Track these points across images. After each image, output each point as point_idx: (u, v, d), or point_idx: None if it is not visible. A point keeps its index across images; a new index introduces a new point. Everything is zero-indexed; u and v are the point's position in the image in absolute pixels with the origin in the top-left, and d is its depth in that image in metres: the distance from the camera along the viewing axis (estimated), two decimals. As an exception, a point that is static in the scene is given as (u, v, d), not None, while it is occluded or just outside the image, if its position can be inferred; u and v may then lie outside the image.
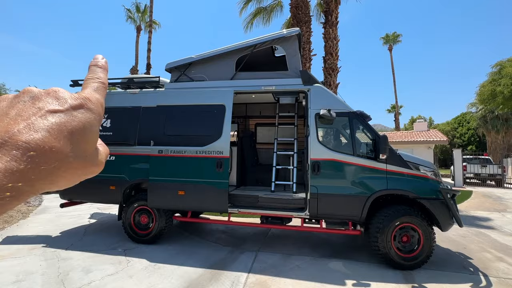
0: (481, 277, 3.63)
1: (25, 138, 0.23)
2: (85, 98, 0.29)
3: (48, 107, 0.26)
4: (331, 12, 10.40)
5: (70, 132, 0.26)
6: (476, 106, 23.06)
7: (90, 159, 0.29)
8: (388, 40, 34.76)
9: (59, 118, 0.26)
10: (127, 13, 24.07)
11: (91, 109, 0.29)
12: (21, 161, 0.22)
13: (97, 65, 0.34)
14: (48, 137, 0.24)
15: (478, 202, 9.78)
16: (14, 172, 0.22)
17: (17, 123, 0.24)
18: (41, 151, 0.23)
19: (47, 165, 0.24)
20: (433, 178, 4.02)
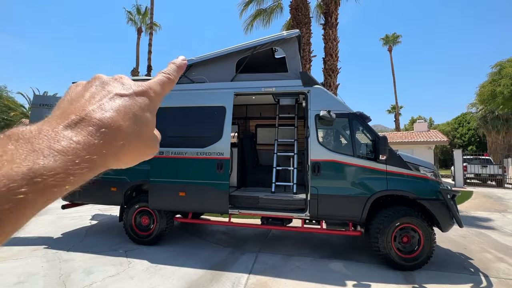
0: (482, 277, 3.63)
1: (98, 116, 0.26)
2: (147, 86, 0.32)
3: (115, 91, 0.29)
4: (331, 13, 10.44)
5: (134, 114, 0.29)
6: (476, 107, 23.08)
7: (149, 141, 0.31)
8: (388, 41, 34.83)
9: (125, 101, 0.29)
10: (128, 15, 24.17)
11: (150, 97, 0.31)
12: (95, 136, 0.25)
13: (174, 63, 0.37)
14: (116, 117, 0.27)
15: (478, 202, 9.78)
16: (91, 145, 0.24)
17: (91, 103, 0.27)
18: (111, 129, 0.26)
19: (116, 141, 0.26)
20: (433, 179, 4.03)
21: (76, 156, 0.23)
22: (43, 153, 0.22)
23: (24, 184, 0.20)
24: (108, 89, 0.29)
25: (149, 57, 20.14)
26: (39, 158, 0.22)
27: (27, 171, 0.21)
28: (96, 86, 0.30)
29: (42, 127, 0.24)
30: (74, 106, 0.27)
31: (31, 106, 6.03)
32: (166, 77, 0.34)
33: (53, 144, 0.23)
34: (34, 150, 0.22)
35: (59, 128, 0.24)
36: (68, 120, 0.25)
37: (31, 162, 0.21)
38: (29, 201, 0.21)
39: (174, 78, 0.35)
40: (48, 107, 5.57)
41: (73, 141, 0.24)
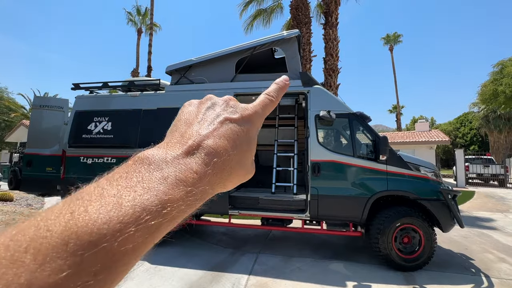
0: (483, 278, 3.61)
1: (212, 144, 0.26)
2: (253, 111, 0.31)
3: (225, 115, 0.29)
4: (331, 13, 10.42)
5: (241, 142, 0.29)
6: (478, 106, 22.99)
7: (250, 167, 0.31)
8: (389, 40, 34.77)
9: (234, 126, 0.29)
10: (128, 16, 24.24)
11: (254, 122, 0.31)
12: (210, 165, 0.25)
13: (277, 83, 0.37)
14: (227, 145, 0.27)
15: (480, 202, 9.73)
16: (206, 175, 0.25)
17: (204, 127, 0.28)
18: (222, 158, 0.26)
19: (225, 171, 0.27)
20: (433, 179, 4.01)
21: (194, 187, 0.24)
22: (170, 181, 0.23)
23: (156, 216, 0.21)
24: (218, 111, 0.30)
25: (149, 57, 20.19)
26: (167, 188, 0.23)
27: (159, 203, 0.21)
28: (207, 108, 0.30)
29: (167, 152, 0.25)
30: (190, 130, 0.28)
31: (32, 107, 6.05)
32: (269, 99, 0.34)
33: (178, 173, 0.24)
34: (164, 178, 0.23)
35: (180, 154, 0.25)
36: (187, 146, 0.26)
37: (161, 193, 0.22)
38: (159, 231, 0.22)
39: (275, 100, 0.35)
40: (49, 108, 5.59)
41: (193, 171, 0.24)
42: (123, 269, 0.20)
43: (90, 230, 0.19)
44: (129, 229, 0.20)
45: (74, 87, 5.27)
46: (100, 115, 4.90)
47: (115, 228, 0.19)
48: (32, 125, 5.57)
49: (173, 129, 0.29)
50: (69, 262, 0.17)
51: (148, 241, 0.21)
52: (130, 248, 0.20)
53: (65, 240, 0.18)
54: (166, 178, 0.23)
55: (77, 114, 5.04)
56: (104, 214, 0.20)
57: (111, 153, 4.76)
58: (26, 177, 5.41)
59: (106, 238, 0.19)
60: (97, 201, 0.20)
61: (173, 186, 0.23)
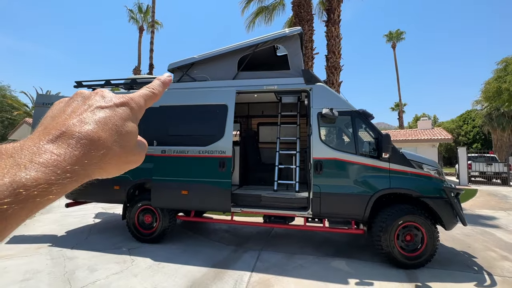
0: (486, 276, 3.60)
1: (78, 129, 0.27)
2: (129, 98, 0.33)
3: (96, 104, 0.31)
4: (334, 10, 10.35)
5: (114, 124, 0.30)
6: (481, 104, 22.80)
7: (132, 150, 0.32)
8: (392, 37, 34.49)
9: (105, 113, 0.30)
10: (129, 13, 24.17)
11: (132, 107, 0.33)
12: (76, 147, 0.26)
13: (159, 79, 0.39)
14: (96, 128, 0.28)
15: (483, 200, 9.69)
16: (71, 156, 0.26)
17: (71, 118, 0.29)
18: (91, 140, 0.27)
19: (96, 151, 0.28)
20: (436, 177, 4.00)
21: (57, 168, 0.24)
22: (25, 166, 0.23)
23: (7, 195, 0.21)
24: (89, 103, 0.31)
25: (151, 55, 20.17)
26: (21, 171, 0.23)
27: (9, 183, 0.22)
28: (77, 102, 0.31)
29: (25, 143, 0.26)
30: (56, 122, 0.29)
31: (34, 105, 6.06)
32: (150, 91, 0.36)
33: (35, 157, 0.24)
34: (17, 164, 0.23)
35: (41, 143, 0.26)
36: (50, 135, 0.26)
37: (13, 175, 0.22)
38: (13, 211, 0.22)
39: (157, 93, 0.37)
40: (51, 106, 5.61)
41: (54, 153, 0.25)
42: None
43: None
44: None
45: (76, 85, 5.28)
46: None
47: None
48: (35, 123, 5.60)
49: (38, 126, 0.30)
50: None
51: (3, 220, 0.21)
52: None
53: None
54: (19, 163, 0.23)
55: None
56: None
57: None
58: (30, 175, 5.44)
59: None
60: None
61: (28, 168, 0.23)
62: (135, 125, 0.33)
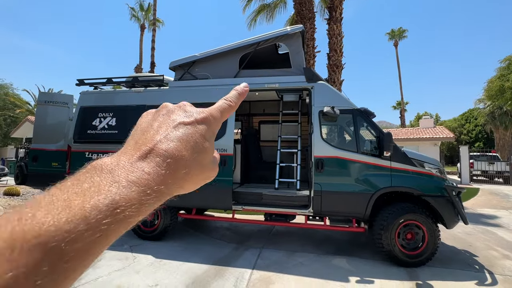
0: (487, 274, 3.60)
1: (164, 147, 0.28)
2: (208, 113, 0.33)
3: (179, 120, 0.31)
4: (335, 8, 10.30)
5: (195, 142, 0.30)
6: (484, 102, 22.70)
7: (207, 166, 0.32)
8: (394, 35, 34.31)
9: (187, 129, 0.30)
10: (131, 11, 24.18)
11: (210, 123, 0.33)
12: (162, 167, 0.27)
13: (236, 89, 0.38)
14: (180, 146, 0.29)
15: (485, 199, 9.66)
16: (159, 176, 0.26)
17: (158, 133, 0.29)
18: (175, 159, 0.28)
19: (179, 171, 0.28)
20: (438, 175, 3.99)
21: (147, 187, 0.25)
22: (122, 184, 0.24)
23: (108, 215, 0.22)
24: (173, 117, 0.31)
25: (152, 53, 20.18)
26: (119, 189, 0.24)
27: (110, 203, 0.23)
28: (163, 116, 0.32)
29: (120, 158, 0.27)
30: (145, 137, 0.29)
31: (37, 103, 6.10)
32: (227, 103, 0.36)
33: (129, 175, 0.25)
34: (115, 181, 0.24)
35: (133, 159, 0.27)
36: (140, 152, 0.27)
37: (113, 194, 0.23)
38: (111, 231, 0.22)
39: (234, 105, 0.36)
40: (53, 104, 5.63)
41: (144, 172, 0.26)
42: (76, 267, 0.21)
43: (37, 233, 0.19)
44: (79, 229, 0.20)
45: (78, 83, 5.29)
46: (105, 110, 4.93)
47: (63, 228, 0.20)
48: (37, 120, 5.63)
49: (129, 139, 0.30)
50: (16, 264, 0.18)
51: (100, 239, 0.22)
52: (80, 247, 0.20)
53: (11, 244, 0.18)
54: (117, 181, 0.24)
55: (82, 110, 5.08)
56: (52, 217, 0.20)
57: (115, 148, 4.68)
58: (32, 172, 5.47)
59: (54, 239, 0.19)
60: (46, 207, 0.21)
61: (124, 187, 0.24)
62: (212, 142, 0.33)
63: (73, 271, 0.21)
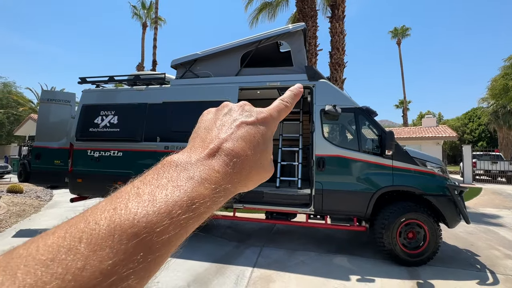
0: (488, 274, 3.59)
1: (230, 146, 0.28)
2: (268, 114, 0.34)
3: (241, 119, 0.32)
4: (338, 5, 10.24)
5: (257, 142, 0.31)
6: (487, 101, 22.53)
7: (268, 167, 0.33)
8: (397, 33, 34.09)
9: (250, 129, 0.31)
10: (133, 9, 24.19)
11: (270, 123, 0.33)
12: (230, 166, 0.27)
13: (291, 90, 0.38)
14: (245, 146, 0.29)
15: (487, 199, 9.61)
16: (227, 174, 0.27)
17: (222, 132, 0.30)
18: (241, 158, 0.28)
19: (244, 170, 0.29)
20: (440, 175, 3.97)
21: (217, 185, 0.26)
22: (197, 181, 0.25)
23: (186, 210, 0.23)
24: (234, 116, 0.32)
25: (154, 52, 20.21)
26: (194, 186, 0.25)
27: (188, 199, 0.24)
28: (224, 115, 0.33)
29: (191, 155, 0.28)
30: (210, 135, 0.30)
31: (40, 101, 6.12)
32: (284, 104, 0.36)
33: (202, 173, 0.26)
34: (191, 178, 0.25)
35: (202, 157, 0.27)
36: (208, 150, 0.28)
37: (189, 190, 0.24)
38: (189, 225, 0.23)
39: (290, 105, 0.37)
40: (56, 102, 5.66)
41: (215, 170, 0.27)
42: (160, 259, 0.22)
43: (131, 223, 0.21)
44: (164, 222, 0.22)
45: (80, 81, 5.31)
46: (107, 109, 4.95)
47: (152, 221, 0.21)
48: (40, 118, 5.65)
49: (194, 136, 0.31)
50: (116, 250, 0.19)
51: (180, 233, 0.23)
52: (165, 240, 0.22)
53: (111, 231, 0.20)
54: (192, 177, 0.25)
55: (84, 108, 5.10)
56: (142, 209, 0.22)
57: (117, 146, 4.82)
58: (35, 170, 5.51)
59: (145, 230, 0.21)
60: (135, 198, 0.23)
61: (199, 184, 0.25)
62: (271, 141, 0.33)
63: (157, 263, 0.22)
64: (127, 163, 4.75)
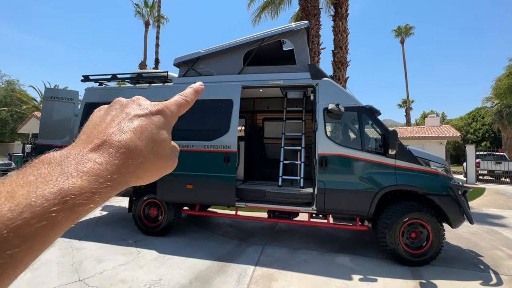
0: (492, 274, 3.57)
1: (117, 138, 0.28)
2: (164, 105, 0.34)
3: (133, 112, 0.32)
4: (341, 4, 10.18)
5: (150, 133, 0.31)
6: (491, 101, 22.32)
7: (166, 157, 0.33)
8: (400, 32, 33.83)
9: (141, 121, 0.31)
10: (136, 8, 24.17)
11: (166, 115, 0.34)
12: (115, 157, 0.27)
13: (192, 87, 0.39)
14: (134, 137, 0.29)
15: (491, 199, 9.54)
16: (112, 165, 0.27)
17: (111, 126, 0.30)
18: (129, 149, 0.28)
19: (134, 160, 0.28)
20: (443, 174, 3.95)
21: (99, 177, 0.26)
22: (72, 174, 0.25)
23: (56, 203, 0.23)
24: (126, 111, 0.32)
25: (157, 50, 20.22)
26: (68, 179, 0.24)
27: (58, 192, 0.23)
28: (116, 110, 0.33)
29: (70, 151, 0.27)
30: (97, 130, 0.30)
31: (43, 99, 6.15)
32: (183, 99, 0.37)
33: (79, 166, 0.26)
34: (64, 172, 0.25)
35: (84, 152, 0.27)
36: (92, 144, 0.28)
37: (61, 183, 0.24)
38: (60, 219, 0.23)
39: (190, 100, 0.37)
40: (59, 100, 5.68)
41: (96, 162, 0.26)
42: (22, 255, 0.21)
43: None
44: (23, 216, 0.21)
45: (84, 79, 5.33)
46: (109, 107, 4.96)
47: (6, 216, 0.20)
48: (43, 116, 5.68)
49: (80, 134, 0.31)
50: None
51: (48, 227, 0.22)
52: (26, 234, 0.21)
53: None
54: (66, 172, 0.25)
55: (87, 106, 5.12)
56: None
57: None
58: (39, 167, 5.54)
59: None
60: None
61: (74, 176, 0.24)
62: (169, 132, 0.34)
63: (20, 258, 0.21)
64: None
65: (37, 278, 3.20)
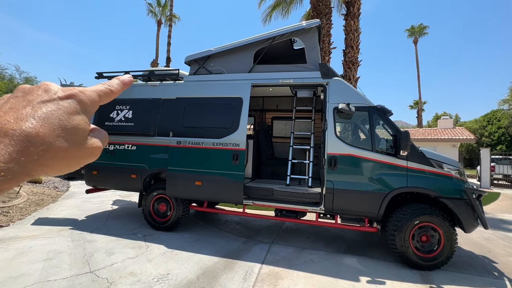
0: (506, 282, 3.45)
1: (12, 126, 0.27)
2: (78, 90, 0.32)
3: (37, 99, 0.30)
4: (353, 3, 10.03)
5: (57, 119, 0.29)
6: (508, 103, 21.56)
7: (81, 144, 0.31)
8: (414, 32, 33.06)
9: (47, 107, 0.29)
10: (148, 7, 24.53)
11: (80, 100, 0.32)
12: (10, 145, 0.26)
13: (119, 78, 0.38)
14: (34, 124, 0.27)
15: (506, 204, 9.23)
16: (4, 154, 0.25)
17: (8, 115, 0.28)
18: (26, 136, 0.26)
19: (35, 148, 0.27)
20: (457, 177, 3.84)
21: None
22: None
23: None
24: (29, 98, 0.30)
25: (168, 48, 20.44)
26: None
27: None
28: (17, 98, 0.30)
29: None
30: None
31: (59, 95, 6.29)
32: (106, 88, 0.36)
33: None
34: None
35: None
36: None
37: None
38: None
39: (114, 90, 0.36)
40: None
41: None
42: None
43: None
44: None
45: (97, 76, 5.45)
46: (122, 103, 5.06)
47: None
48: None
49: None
50: None
51: None
52: None
53: None
54: None
55: (100, 102, 5.23)
56: None
57: (131, 140, 4.94)
58: (53, 161, 5.72)
59: None
60: None
61: None
62: (84, 118, 0.32)
63: None
64: (141, 157, 4.86)
65: (50, 268, 3.30)
